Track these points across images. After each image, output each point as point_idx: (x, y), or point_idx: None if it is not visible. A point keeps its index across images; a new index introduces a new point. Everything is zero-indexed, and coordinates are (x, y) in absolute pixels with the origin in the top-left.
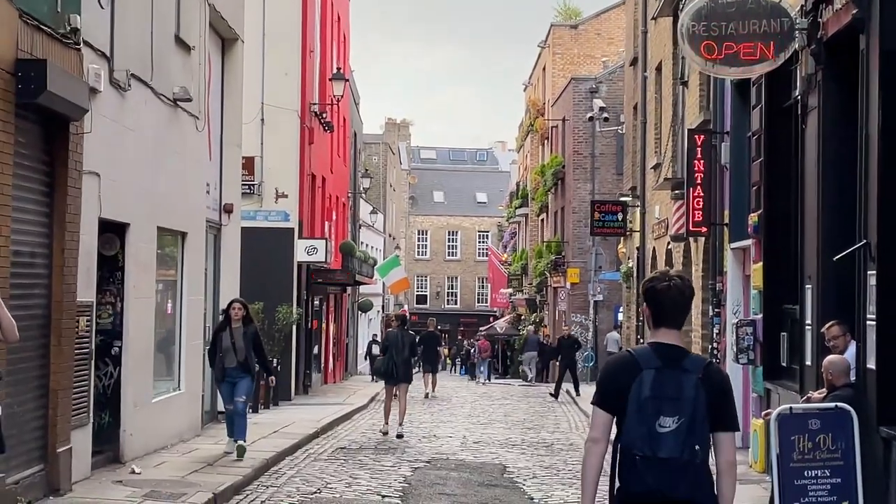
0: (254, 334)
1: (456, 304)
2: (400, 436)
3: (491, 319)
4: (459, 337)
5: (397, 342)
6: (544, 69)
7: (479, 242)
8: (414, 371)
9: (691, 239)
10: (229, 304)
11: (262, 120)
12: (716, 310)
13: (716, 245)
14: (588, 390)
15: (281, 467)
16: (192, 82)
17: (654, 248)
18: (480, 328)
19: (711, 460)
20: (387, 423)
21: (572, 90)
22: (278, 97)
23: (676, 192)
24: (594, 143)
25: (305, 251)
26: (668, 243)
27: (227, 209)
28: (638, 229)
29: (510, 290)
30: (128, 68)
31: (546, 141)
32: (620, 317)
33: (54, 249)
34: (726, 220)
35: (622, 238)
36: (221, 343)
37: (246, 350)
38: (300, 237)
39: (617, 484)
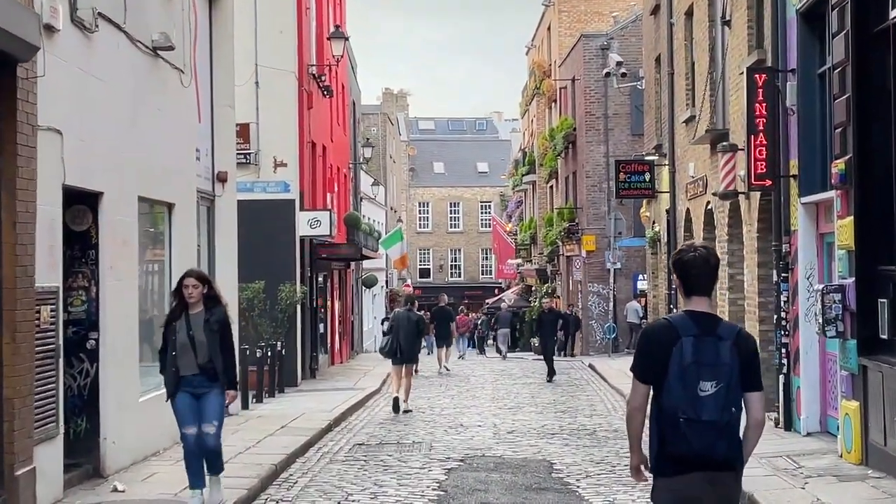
0: (221, 322)
1: (460, 276)
2: (407, 411)
3: (497, 291)
4: (464, 309)
5: (403, 322)
6: (549, 29)
7: (482, 213)
8: (422, 346)
9: (742, 196)
10: (181, 279)
11: (257, 83)
12: (783, 274)
13: (780, 201)
14: (562, 377)
15: (292, 473)
16: (174, 29)
17: (687, 209)
18: (487, 300)
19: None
20: (397, 391)
21: (582, 48)
22: (273, 58)
23: (724, 144)
24: (607, 103)
25: (308, 224)
26: (708, 203)
27: (221, 178)
28: (667, 190)
29: (518, 261)
30: (94, 6)
31: (553, 104)
32: (640, 285)
33: (2, 223)
34: (793, 172)
35: (645, 202)
36: (174, 337)
37: (210, 347)
38: (301, 209)
39: (656, 446)
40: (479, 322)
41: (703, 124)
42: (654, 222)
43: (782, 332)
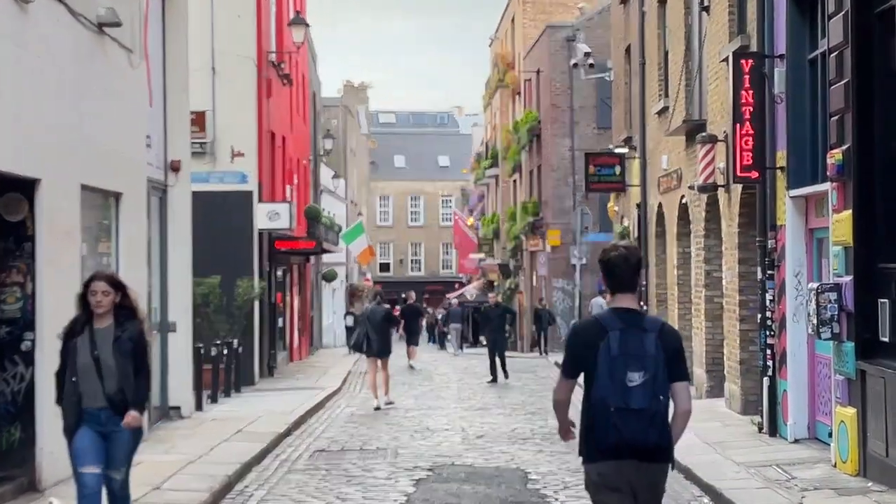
0: (136, 341)
1: (420, 271)
2: (390, 403)
3: (457, 286)
4: (425, 305)
5: (373, 316)
6: (513, 20)
7: (443, 207)
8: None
9: (722, 189)
10: (87, 283)
11: (214, 69)
12: (768, 272)
13: (766, 194)
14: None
15: (247, 485)
16: (122, 4)
17: (659, 203)
18: (447, 295)
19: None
20: (376, 398)
21: (548, 39)
22: (231, 43)
23: (703, 135)
24: (573, 96)
25: (267, 217)
26: (682, 197)
27: (174, 167)
28: (638, 184)
29: (481, 256)
30: None
31: (517, 96)
32: None
33: None
34: (781, 163)
35: (612, 196)
36: (75, 357)
37: (121, 372)
38: (260, 202)
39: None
40: (440, 318)
41: (679, 115)
42: (622, 217)
43: (768, 333)
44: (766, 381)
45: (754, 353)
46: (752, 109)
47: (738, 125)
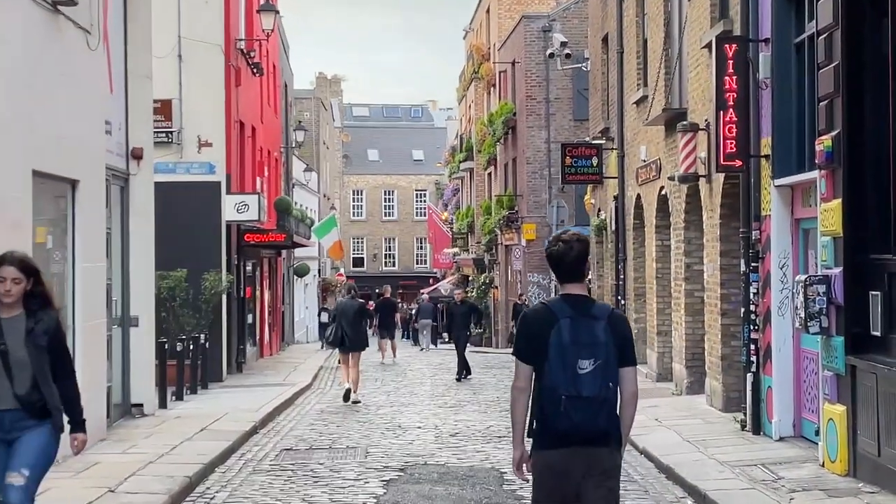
0: (52, 334)
1: (394, 265)
2: (356, 402)
3: (431, 281)
4: (399, 300)
5: (347, 310)
6: (488, 11)
7: (417, 201)
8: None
9: (703, 179)
10: None
11: (180, 56)
12: (752, 264)
13: (749, 183)
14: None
15: (209, 487)
16: None
17: (637, 195)
18: (422, 290)
19: None
20: (346, 381)
21: (523, 30)
22: (198, 30)
23: (684, 123)
24: (549, 87)
25: (235, 208)
26: (662, 188)
27: (136, 154)
28: (615, 175)
29: (455, 250)
30: None
31: (492, 88)
32: None
33: None
34: (766, 152)
35: (589, 188)
36: None
37: (37, 368)
38: (228, 193)
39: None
40: (413, 312)
41: (658, 104)
42: (598, 210)
43: (751, 327)
44: (749, 377)
45: (736, 348)
46: (735, 96)
47: (721, 112)
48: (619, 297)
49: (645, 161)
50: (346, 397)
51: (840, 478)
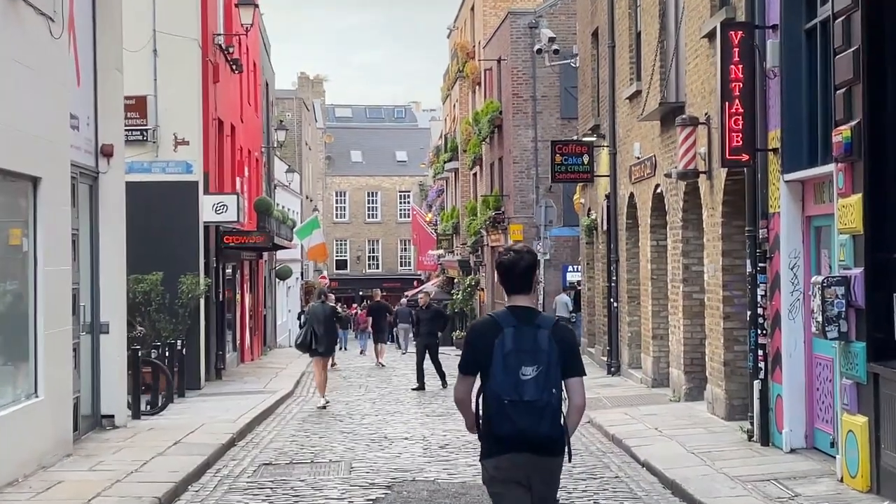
0: None
1: (378, 268)
2: (323, 407)
3: (416, 284)
4: (372, 300)
5: (319, 315)
6: (473, 9)
7: (401, 203)
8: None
9: (703, 176)
10: None
11: (155, 50)
12: (760, 264)
13: (756, 179)
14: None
15: None
16: None
17: (631, 193)
18: (406, 293)
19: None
20: (322, 396)
21: (509, 26)
22: (174, 24)
23: (683, 117)
24: (535, 84)
25: (213, 209)
26: (657, 186)
27: (106, 151)
28: (607, 173)
29: (440, 252)
30: None
31: (478, 87)
32: (570, 277)
33: None
34: (774, 145)
35: (578, 187)
36: None
37: None
38: (206, 193)
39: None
40: (392, 316)
41: (653, 99)
42: (588, 209)
43: (758, 331)
44: (756, 384)
45: (740, 353)
46: (741, 86)
47: (726, 103)
48: (612, 300)
49: (639, 158)
50: (324, 406)
51: (862, 494)
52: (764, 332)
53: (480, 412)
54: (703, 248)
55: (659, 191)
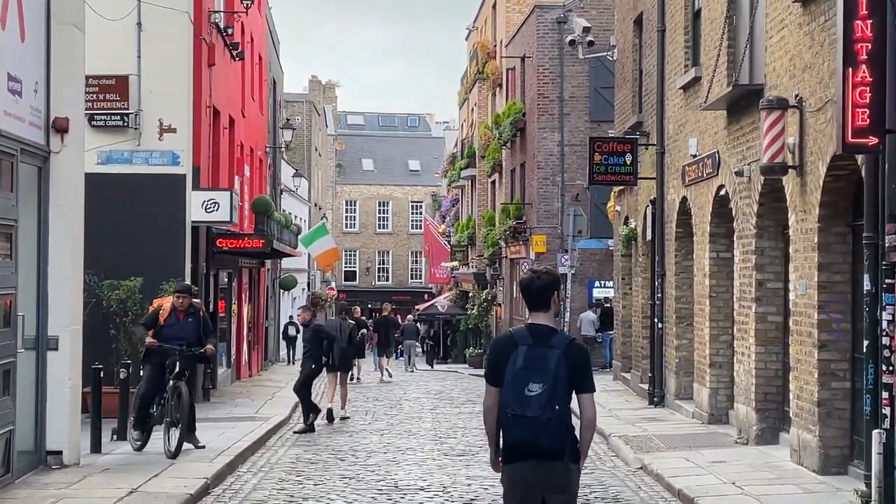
0: None
1: (388, 280)
2: (345, 418)
3: (426, 297)
4: (380, 314)
5: (337, 331)
6: (494, 6)
7: (413, 213)
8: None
9: (793, 171)
10: None
11: (139, 24)
12: (887, 280)
13: (882, 170)
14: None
15: None
16: None
17: (683, 197)
18: (416, 306)
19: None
20: (330, 402)
21: (535, 21)
22: None
23: (769, 99)
24: (563, 84)
25: (203, 207)
26: (720, 189)
27: (59, 126)
28: (652, 175)
29: (454, 264)
30: None
31: (498, 88)
32: (597, 293)
33: None
34: None
35: (613, 193)
36: None
37: None
38: (195, 188)
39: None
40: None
41: (720, 84)
42: (626, 218)
43: (883, 367)
44: (877, 435)
45: (839, 391)
46: (870, 47)
47: (850, 70)
48: (655, 320)
49: (696, 156)
50: (330, 418)
51: None
52: (890, 368)
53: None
54: (785, 260)
55: (723, 193)
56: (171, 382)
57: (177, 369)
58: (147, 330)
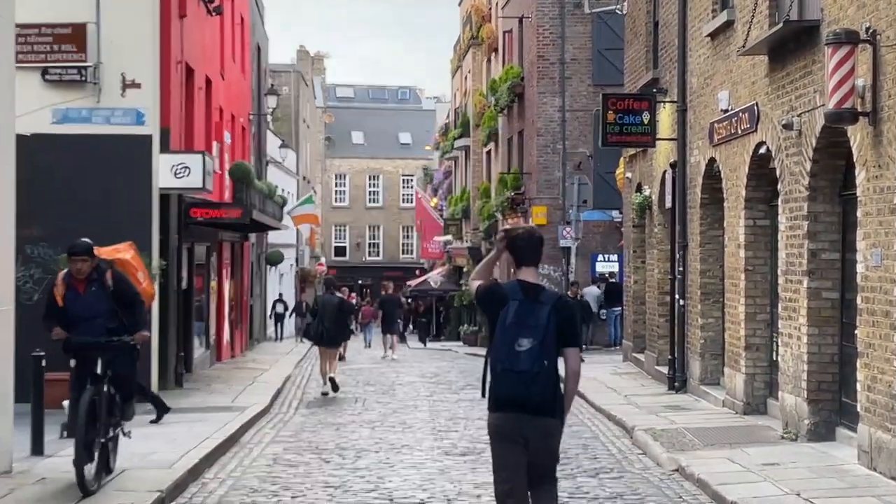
0: None
1: (378, 255)
2: (336, 388)
3: (418, 272)
4: (382, 292)
5: (328, 306)
6: None
7: (404, 187)
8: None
9: (864, 119)
10: None
11: None
12: None
13: None
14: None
15: None
16: None
17: (711, 159)
18: (408, 282)
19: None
20: (325, 384)
21: None
22: None
23: (836, 31)
24: (564, 46)
25: (172, 172)
26: (759, 146)
27: None
28: (672, 136)
29: (447, 238)
30: None
31: (494, 53)
32: (600, 267)
33: None
34: None
35: (622, 158)
36: None
37: None
38: (163, 151)
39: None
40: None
41: (761, 25)
42: (638, 184)
43: None
44: None
45: None
46: None
47: None
48: (676, 296)
49: (727, 111)
50: (335, 387)
51: None
52: None
53: (488, 376)
54: (849, 227)
55: (762, 151)
56: (86, 395)
57: (97, 370)
58: (54, 323)
